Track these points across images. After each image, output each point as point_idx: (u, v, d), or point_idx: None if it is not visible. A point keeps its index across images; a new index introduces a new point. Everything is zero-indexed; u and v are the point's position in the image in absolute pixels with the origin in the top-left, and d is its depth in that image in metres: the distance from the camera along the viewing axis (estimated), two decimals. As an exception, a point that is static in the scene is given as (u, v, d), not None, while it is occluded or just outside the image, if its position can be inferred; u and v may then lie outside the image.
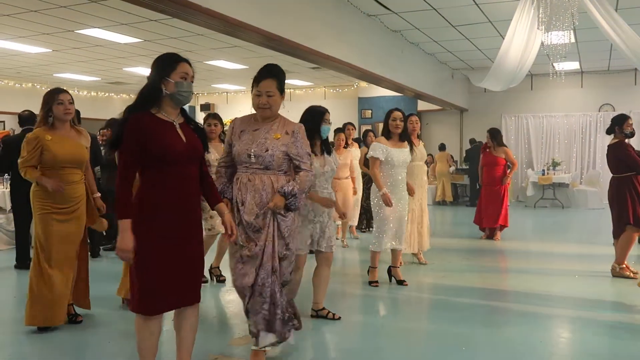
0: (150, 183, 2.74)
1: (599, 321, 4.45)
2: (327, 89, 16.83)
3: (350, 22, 8.22)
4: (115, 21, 8.81)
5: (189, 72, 2.82)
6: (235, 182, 3.34)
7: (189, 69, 2.83)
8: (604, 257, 6.57)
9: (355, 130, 8.43)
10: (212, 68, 13.19)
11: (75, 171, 4.13)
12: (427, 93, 12.12)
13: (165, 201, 2.74)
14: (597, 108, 14.51)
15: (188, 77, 2.81)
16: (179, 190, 2.78)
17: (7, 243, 7.54)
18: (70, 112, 4.08)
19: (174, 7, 5.13)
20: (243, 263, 3.26)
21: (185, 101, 2.82)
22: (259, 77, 3.32)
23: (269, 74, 3.30)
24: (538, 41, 8.02)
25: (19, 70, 13.37)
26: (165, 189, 2.75)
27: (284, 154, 3.28)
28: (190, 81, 2.84)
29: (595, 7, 6.97)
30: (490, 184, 8.42)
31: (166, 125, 2.79)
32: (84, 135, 4.26)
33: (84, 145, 4.20)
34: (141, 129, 2.70)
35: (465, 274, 6.17)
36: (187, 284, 2.85)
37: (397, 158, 5.26)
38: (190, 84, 2.83)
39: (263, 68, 3.35)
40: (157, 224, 2.72)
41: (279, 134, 3.29)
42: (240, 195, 3.27)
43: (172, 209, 2.75)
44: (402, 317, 4.69)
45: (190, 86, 2.83)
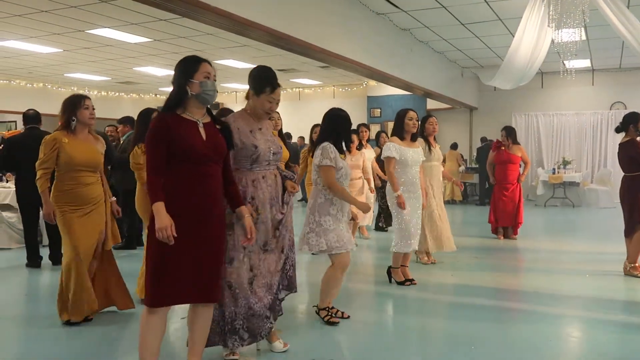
0: (172, 180, 2.80)
1: (609, 320, 4.42)
2: (336, 87, 16.82)
3: (359, 20, 8.21)
4: (126, 21, 8.86)
5: (210, 71, 2.90)
6: (251, 182, 3.32)
7: (211, 68, 2.92)
8: (615, 256, 6.52)
9: (369, 131, 8.37)
10: (221, 67, 13.22)
11: (91, 174, 4.24)
12: (436, 92, 12.07)
13: (186, 198, 2.81)
14: (609, 106, 14.40)
15: (210, 76, 2.89)
16: (200, 188, 2.83)
17: (18, 242, 7.61)
18: (94, 117, 4.23)
19: (184, 6, 5.15)
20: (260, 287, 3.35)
21: (211, 100, 2.91)
22: (274, 84, 3.39)
23: (278, 83, 3.45)
24: (548, 39, 7.97)
25: (31, 70, 13.47)
26: (186, 187, 2.81)
27: None
28: (213, 80, 2.92)
29: (606, 4, 6.91)
30: (506, 182, 8.26)
31: (189, 125, 2.86)
32: (100, 141, 4.38)
33: (99, 151, 4.31)
34: (164, 127, 2.80)
35: (475, 272, 6.15)
36: (200, 282, 2.85)
37: (410, 157, 5.28)
38: (214, 82, 2.91)
39: (274, 76, 3.43)
40: (176, 220, 2.73)
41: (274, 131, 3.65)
42: (262, 194, 3.33)
43: (192, 206, 2.81)
44: (411, 316, 4.68)
45: (214, 85, 2.90)
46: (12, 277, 6.22)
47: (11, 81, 14.90)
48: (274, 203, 3.38)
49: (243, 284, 3.27)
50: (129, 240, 7.28)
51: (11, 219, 7.64)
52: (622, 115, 6.11)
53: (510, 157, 8.26)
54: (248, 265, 3.31)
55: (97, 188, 4.28)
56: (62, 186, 4.14)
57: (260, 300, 3.32)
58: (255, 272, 3.34)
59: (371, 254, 7.49)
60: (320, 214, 4.03)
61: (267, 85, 3.37)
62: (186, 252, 2.79)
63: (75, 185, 4.15)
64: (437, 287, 5.56)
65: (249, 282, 3.31)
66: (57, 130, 4.20)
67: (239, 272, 3.27)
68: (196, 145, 2.82)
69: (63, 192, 4.14)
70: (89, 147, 4.22)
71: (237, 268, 3.27)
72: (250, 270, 3.32)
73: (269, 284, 3.39)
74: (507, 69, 9.34)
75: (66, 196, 4.14)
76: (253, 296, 3.30)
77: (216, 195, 2.91)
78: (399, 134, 5.37)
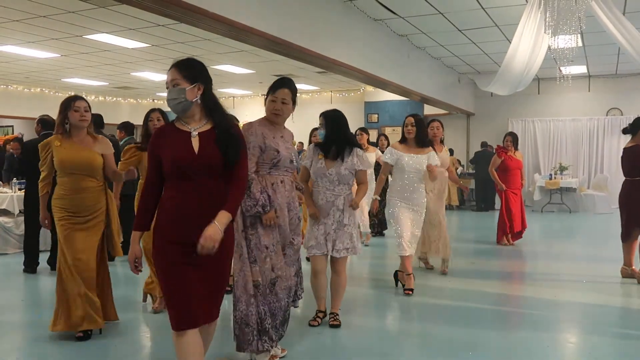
0: (166, 196, 2.65)
1: (606, 326, 4.42)
2: (333, 93, 16.85)
3: (356, 26, 8.24)
4: (123, 26, 8.87)
5: (171, 78, 2.66)
6: (271, 185, 3.48)
7: (170, 74, 2.67)
8: (612, 262, 6.53)
9: (368, 135, 8.24)
10: (218, 72, 13.24)
11: (86, 178, 4.05)
12: (433, 97, 12.10)
13: (179, 215, 2.61)
14: (605, 112, 14.44)
15: (169, 84, 2.66)
16: (192, 204, 2.60)
17: (15, 247, 7.58)
18: (85, 119, 4.05)
19: (181, 11, 5.16)
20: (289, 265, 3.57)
21: (174, 109, 2.65)
22: (276, 85, 3.57)
23: (285, 85, 3.57)
24: (545, 45, 8.00)
25: (28, 75, 13.47)
26: (178, 202, 2.61)
27: None
28: (174, 86, 2.65)
29: (602, 11, 6.95)
30: (514, 187, 8.23)
31: (179, 135, 2.66)
32: (100, 142, 4.16)
33: (96, 153, 4.09)
34: (156, 142, 2.67)
35: (472, 278, 6.15)
36: (205, 301, 2.67)
37: (407, 164, 5.24)
38: (174, 89, 2.64)
39: (280, 79, 3.64)
40: (172, 238, 2.61)
41: (288, 140, 3.64)
42: (280, 198, 3.48)
43: (186, 224, 2.60)
44: (409, 321, 4.68)
45: (174, 92, 2.64)
46: (9, 282, 6.19)
47: (9, 86, 14.90)
48: (291, 207, 3.55)
49: (266, 284, 3.42)
50: (127, 245, 7.28)
51: (8, 224, 7.62)
52: (618, 121, 6.13)
53: (518, 163, 8.29)
54: (270, 265, 3.43)
55: (95, 195, 4.09)
56: (59, 190, 4.08)
57: (279, 302, 3.45)
58: (279, 273, 3.45)
59: (369, 259, 7.48)
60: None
61: (270, 89, 3.58)
62: (186, 274, 2.61)
63: (70, 190, 4.03)
64: (435, 292, 5.56)
65: (272, 282, 3.43)
66: (55, 134, 4.14)
67: (264, 272, 3.41)
68: (179, 158, 2.59)
69: (60, 198, 4.06)
70: (82, 149, 4.05)
71: (261, 267, 3.40)
72: (272, 270, 3.44)
73: (289, 288, 3.53)
74: (504, 75, 9.37)
75: (62, 202, 4.04)
76: (273, 296, 3.42)
77: (213, 211, 2.59)
78: (402, 139, 5.40)
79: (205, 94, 2.70)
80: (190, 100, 2.64)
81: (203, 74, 2.71)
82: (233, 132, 2.70)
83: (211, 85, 2.74)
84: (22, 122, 16.62)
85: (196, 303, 2.62)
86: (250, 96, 18.05)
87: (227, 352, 3.72)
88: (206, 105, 2.71)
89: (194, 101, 2.66)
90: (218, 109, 2.73)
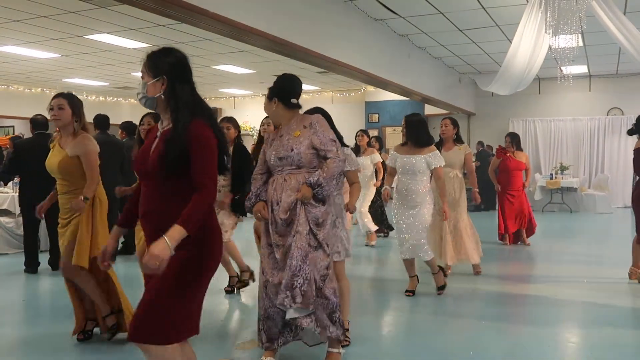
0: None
1: (607, 326, 4.42)
2: (334, 93, 16.85)
3: (357, 26, 8.23)
4: (124, 26, 8.87)
5: (141, 69, 2.45)
6: (271, 183, 3.44)
7: (142, 65, 2.44)
8: (613, 262, 6.53)
9: (368, 137, 8.21)
10: (219, 73, 13.23)
11: (61, 182, 3.87)
12: (434, 97, 12.10)
13: (141, 217, 2.47)
14: (606, 112, 14.43)
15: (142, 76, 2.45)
16: (143, 206, 2.44)
17: (16, 247, 7.59)
18: (56, 118, 3.81)
19: (182, 12, 5.16)
20: (278, 270, 3.34)
21: (142, 104, 2.44)
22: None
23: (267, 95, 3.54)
24: (546, 45, 8.00)
25: (29, 75, 13.48)
26: (140, 205, 2.47)
27: (309, 149, 3.35)
28: (142, 78, 2.44)
29: (603, 11, 6.95)
30: (512, 189, 8.13)
31: (153, 134, 2.51)
32: (75, 143, 3.83)
33: (66, 154, 3.79)
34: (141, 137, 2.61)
35: (473, 278, 6.14)
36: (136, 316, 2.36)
37: (401, 165, 5.13)
38: (140, 83, 2.44)
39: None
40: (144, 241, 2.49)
41: (298, 130, 3.39)
42: (275, 195, 3.38)
43: (144, 226, 2.46)
44: (409, 322, 4.67)
45: (139, 86, 2.44)
46: (10, 282, 6.20)
47: (9, 86, 14.90)
48: (274, 207, 3.37)
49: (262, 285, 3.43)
50: (125, 245, 7.29)
51: (9, 224, 7.62)
52: (619, 121, 6.08)
53: (517, 164, 8.16)
54: (264, 266, 3.42)
55: (69, 200, 3.83)
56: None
57: (272, 305, 3.37)
58: (267, 277, 3.38)
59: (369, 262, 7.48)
60: None
61: None
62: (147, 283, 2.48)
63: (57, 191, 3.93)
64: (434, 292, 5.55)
65: (264, 284, 3.40)
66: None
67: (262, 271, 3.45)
68: (135, 158, 2.52)
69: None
70: (56, 152, 3.85)
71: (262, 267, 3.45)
72: (262, 273, 3.42)
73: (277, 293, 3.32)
74: (504, 75, 9.37)
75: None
76: (267, 299, 3.38)
77: (158, 215, 2.35)
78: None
79: (169, 89, 2.38)
80: (152, 96, 2.39)
81: (171, 66, 2.40)
82: (181, 134, 2.32)
83: (183, 80, 2.41)
84: (23, 122, 16.58)
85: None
86: (251, 96, 18.03)
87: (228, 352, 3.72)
88: (168, 102, 2.39)
89: (157, 97, 2.39)
90: (181, 107, 2.36)
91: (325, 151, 3.33)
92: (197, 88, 2.49)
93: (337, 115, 4.32)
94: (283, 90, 3.49)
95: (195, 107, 2.39)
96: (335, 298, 3.36)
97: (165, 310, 2.29)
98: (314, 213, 3.30)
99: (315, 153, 3.36)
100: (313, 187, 3.27)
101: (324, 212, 3.35)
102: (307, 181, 3.29)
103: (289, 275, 3.23)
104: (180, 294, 2.31)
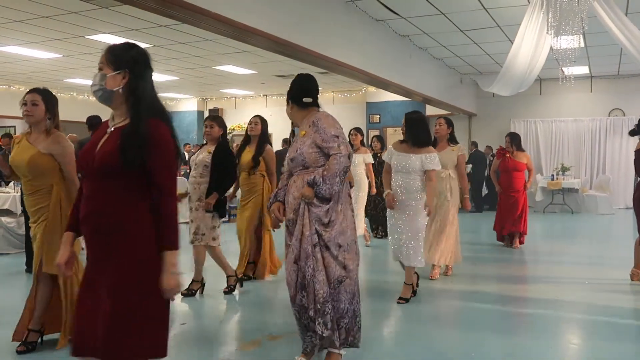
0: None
1: (609, 327, 4.42)
2: (335, 93, 16.85)
3: (358, 27, 8.23)
4: (125, 27, 8.87)
5: (99, 61, 2.31)
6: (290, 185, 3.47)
7: (101, 57, 2.31)
8: (614, 263, 6.53)
9: (362, 136, 8.10)
10: (220, 73, 13.24)
11: (27, 181, 3.68)
12: (435, 98, 12.10)
13: (81, 220, 2.30)
14: (607, 113, 14.42)
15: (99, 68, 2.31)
16: (85, 208, 2.27)
17: (17, 247, 7.60)
18: (29, 114, 3.64)
19: (183, 12, 5.16)
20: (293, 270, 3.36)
21: (95, 97, 2.30)
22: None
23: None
24: (547, 46, 8.00)
25: (30, 75, 13.49)
26: (81, 207, 2.30)
27: (312, 148, 3.31)
28: (99, 70, 2.29)
29: (604, 11, 6.95)
30: (512, 190, 8.06)
31: (101, 132, 2.35)
32: (54, 141, 3.68)
33: (38, 151, 3.63)
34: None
35: (474, 279, 6.14)
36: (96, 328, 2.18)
37: (396, 162, 5.01)
38: (97, 75, 2.28)
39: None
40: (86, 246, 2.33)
41: (304, 130, 3.40)
42: (287, 196, 3.43)
43: (83, 230, 2.30)
44: (411, 322, 4.67)
45: (96, 78, 2.28)
46: (11, 282, 6.20)
47: (11, 86, 14.91)
48: (286, 207, 3.43)
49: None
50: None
51: (10, 224, 7.63)
52: (621, 122, 6.07)
53: (515, 164, 8.07)
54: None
55: (36, 201, 3.65)
56: None
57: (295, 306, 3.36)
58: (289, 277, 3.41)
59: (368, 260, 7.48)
60: None
61: None
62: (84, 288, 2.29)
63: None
64: (437, 293, 5.55)
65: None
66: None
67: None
68: (80, 156, 2.34)
69: None
70: (26, 149, 3.65)
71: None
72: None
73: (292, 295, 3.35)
74: (506, 76, 9.36)
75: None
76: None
77: (106, 217, 2.20)
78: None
79: (130, 84, 2.26)
80: (110, 89, 2.25)
81: (134, 60, 2.29)
82: (141, 130, 2.20)
83: (144, 76, 2.30)
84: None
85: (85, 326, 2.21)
86: (252, 97, 18.03)
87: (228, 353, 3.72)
88: (128, 98, 2.27)
89: (115, 91, 2.26)
90: (141, 103, 2.25)
91: (327, 148, 3.28)
92: (200, 88, 2.45)
93: (338, 116, 4.29)
94: (292, 91, 3.53)
95: (154, 106, 2.30)
96: (349, 305, 3.34)
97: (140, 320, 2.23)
98: (316, 213, 3.26)
99: (320, 152, 3.30)
100: (312, 186, 3.26)
101: (329, 211, 3.28)
102: (307, 181, 3.28)
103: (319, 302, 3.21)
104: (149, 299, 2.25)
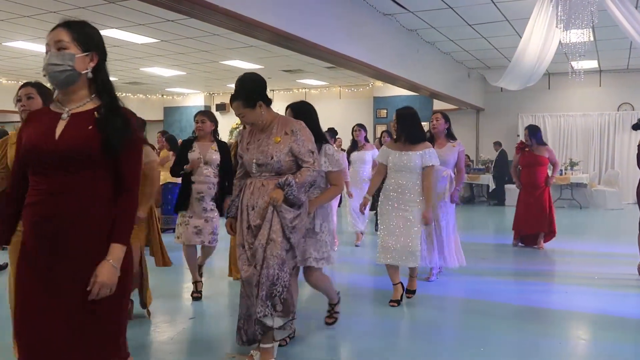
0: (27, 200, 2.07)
1: (618, 322, 4.39)
2: (342, 88, 16.79)
3: (366, 21, 8.21)
4: (133, 22, 8.89)
5: (57, 39, 2.06)
6: (249, 186, 3.37)
7: (55, 33, 2.07)
8: (624, 258, 6.49)
9: (365, 132, 7.89)
10: (227, 68, 13.24)
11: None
12: (442, 92, 12.06)
13: (30, 221, 2.05)
14: (616, 107, 14.32)
15: (52, 46, 2.05)
16: (41, 207, 2.01)
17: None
18: (26, 109, 3.30)
19: (190, 6, 5.17)
20: (248, 265, 3.30)
21: (54, 78, 2.04)
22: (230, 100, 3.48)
23: (233, 99, 3.33)
24: (556, 39, 7.94)
25: (38, 70, 13.50)
26: (29, 204, 2.05)
27: (289, 156, 3.28)
28: (58, 50, 2.03)
29: (615, 5, 6.89)
30: (532, 185, 7.57)
31: (47, 118, 2.08)
32: None
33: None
34: (23, 129, 2.13)
35: (482, 275, 6.12)
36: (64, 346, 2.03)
37: (391, 162, 4.76)
38: (59, 53, 2.03)
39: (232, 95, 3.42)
40: (27, 251, 2.08)
41: (279, 136, 3.29)
42: (252, 200, 3.31)
43: (36, 232, 2.04)
44: (419, 317, 4.66)
45: (58, 57, 2.03)
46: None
47: (19, 82, 14.97)
48: (249, 211, 3.31)
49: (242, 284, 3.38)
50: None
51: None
52: (630, 117, 6.03)
53: (536, 158, 7.54)
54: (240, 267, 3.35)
55: None
56: None
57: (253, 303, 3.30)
58: (244, 274, 3.32)
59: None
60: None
61: None
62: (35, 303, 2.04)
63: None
64: (446, 287, 5.53)
65: (242, 283, 3.36)
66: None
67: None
68: (32, 145, 2.02)
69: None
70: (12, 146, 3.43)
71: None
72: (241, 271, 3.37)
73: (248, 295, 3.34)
74: (514, 70, 9.31)
75: None
76: (247, 298, 3.34)
77: (71, 216, 2.00)
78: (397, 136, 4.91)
79: (98, 68, 2.11)
80: (79, 71, 2.05)
81: (100, 43, 2.14)
82: (122, 113, 2.09)
83: (104, 62, 2.15)
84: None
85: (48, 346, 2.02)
86: (258, 91, 18.02)
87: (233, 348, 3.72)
88: (96, 83, 2.11)
89: (84, 73, 2.07)
90: (110, 89, 2.12)
91: (302, 161, 3.30)
92: (207, 83, 2.37)
93: (345, 110, 4.32)
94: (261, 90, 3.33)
95: (115, 93, 2.15)
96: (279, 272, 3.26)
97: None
98: (289, 218, 3.25)
99: (295, 160, 3.31)
100: (283, 187, 3.20)
101: (298, 217, 3.30)
102: (277, 183, 3.21)
103: (267, 285, 3.19)
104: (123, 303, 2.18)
